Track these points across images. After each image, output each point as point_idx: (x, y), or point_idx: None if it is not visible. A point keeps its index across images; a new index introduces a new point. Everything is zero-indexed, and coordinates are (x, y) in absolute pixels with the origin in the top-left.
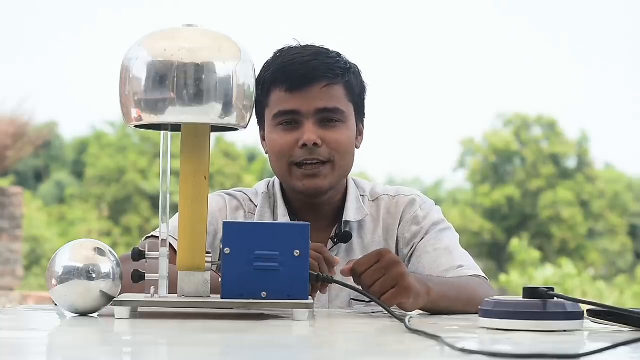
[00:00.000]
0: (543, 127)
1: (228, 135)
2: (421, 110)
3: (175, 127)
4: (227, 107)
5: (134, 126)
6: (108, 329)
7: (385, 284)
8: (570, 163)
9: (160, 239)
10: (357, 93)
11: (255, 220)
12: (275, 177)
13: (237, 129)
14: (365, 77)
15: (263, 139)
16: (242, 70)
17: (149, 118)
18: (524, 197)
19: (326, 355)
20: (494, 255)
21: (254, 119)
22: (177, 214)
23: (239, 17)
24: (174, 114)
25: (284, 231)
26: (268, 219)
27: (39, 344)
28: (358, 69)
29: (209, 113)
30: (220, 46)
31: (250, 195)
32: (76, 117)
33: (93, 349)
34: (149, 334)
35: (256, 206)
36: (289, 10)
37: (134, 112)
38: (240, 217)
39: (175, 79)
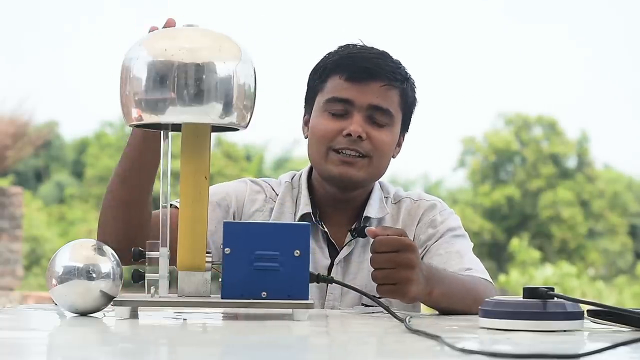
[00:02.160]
0: (543, 127)
1: (229, 136)
2: (423, 109)
3: (175, 127)
4: (227, 107)
5: (135, 126)
6: (108, 329)
7: (388, 278)
8: (570, 163)
9: (160, 238)
10: (409, 104)
11: (275, 208)
12: (302, 170)
13: (238, 129)
14: None
15: (306, 124)
16: (243, 70)
17: (149, 118)
18: (524, 197)
19: (326, 355)
20: (494, 255)
21: (255, 119)
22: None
23: (239, 17)
24: (174, 114)
25: (284, 231)
26: (289, 209)
27: (39, 344)
28: (414, 83)
29: (210, 113)
30: (220, 46)
31: (272, 184)
32: (76, 117)
33: (93, 349)
34: (149, 334)
35: (277, 194)
36: (289, 10)
37: (135, 112)
38: (259, 200)
39: (176, 79)
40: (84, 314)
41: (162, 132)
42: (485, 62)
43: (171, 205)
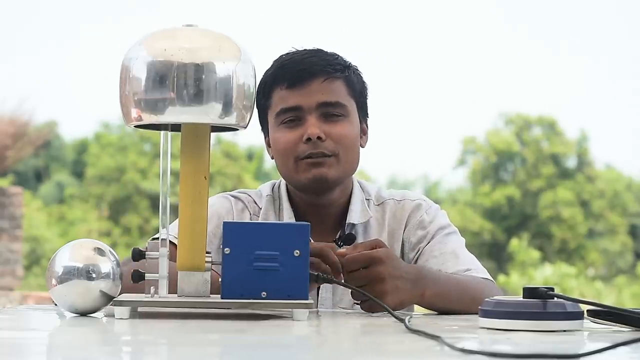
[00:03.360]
0: (543, 127)
1: (229, 136)
2: (423, 109)
3: (175, 127)
4: (227, 107)
5: (134, 126)
6: (108, 329)
7: (363, 295)
8: (570, 163)
9: (160, 238)
10: (358, 90)
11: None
12: (281, 179)
13: (237, 129)
14: (367, 76)
15: (268, 145)
16: (242, 70)
17: (149, 118)
18: (524, 197)
19: (326, 355)
20: (494, 255)
21: (255, 121)
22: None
23: (239, 17)
24: (174, 114)
25: (284, 231)
26: (273, 221)
27: (39, 344)
28: (357, 69)
29: (209, 113)
30: (220, 46)
31: (254, 197)
32: (76, 117)
33: (93, 349)
34: (149, 334)
35: (260, 208)
36: (289, 10)
37: (134, 112)
38: (246, 219)
39: (175, 79)
40: (84, 314)
41: (161, 132)
42: (485, 62)
43: (170, 242)
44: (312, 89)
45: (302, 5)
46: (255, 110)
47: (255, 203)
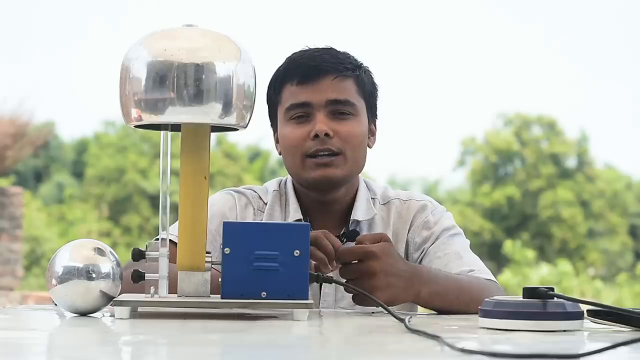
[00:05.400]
0: (543, 127)
1: (229, 136)
2: (422, 110)
3: (175, 127)
4: (227, 107)
5: (134, 126)
6: (108, 329)
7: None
8: (570, 163)
9: (160, 238)
10: (368, 90)
11: (265, 218)
12: (287, 176)
13: (237, 129)
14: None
15: (277, 141)
16: (242, 70)
17: (149, 118)
18: (524, 197)
19: (326, 355)
20: (494, 255)
21: (255, 120)
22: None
23: (239, 17)
24: (174, 114)
25: (284, 231)
26: (278, 217)
27: (39, 344)
28: (369, 69)
29: (209, 113)
30: (220, 46)
31: (259, 192)
32: (76, 117)
33: (93, 349)
34: (149, 334)
35: (265, 204)
36: (289, 10)
37: (134, 112)
38: (249, 215)
39: (175, 79)
40: (84, 314)
41: (161, 132)
42: (484, 62)
43: (170, 240)
44: (322, 86)
45: (302, 6)
46: (265, 106)
47: (261, 198)
